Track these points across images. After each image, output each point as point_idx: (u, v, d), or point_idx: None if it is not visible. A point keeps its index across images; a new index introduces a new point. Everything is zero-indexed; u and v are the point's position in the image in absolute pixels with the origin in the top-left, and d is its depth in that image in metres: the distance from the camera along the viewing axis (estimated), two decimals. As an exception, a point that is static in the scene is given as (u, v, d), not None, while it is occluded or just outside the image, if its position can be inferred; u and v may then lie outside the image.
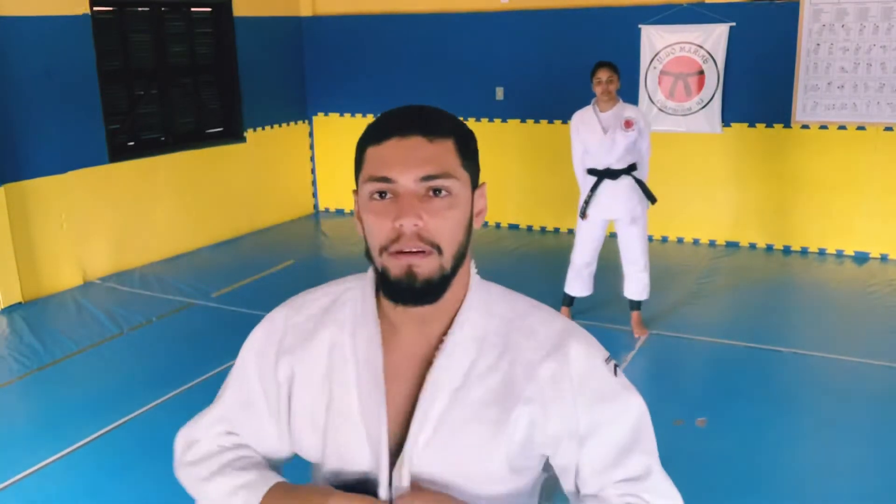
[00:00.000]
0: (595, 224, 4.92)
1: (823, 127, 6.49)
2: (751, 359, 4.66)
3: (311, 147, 8.54)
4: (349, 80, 8.19)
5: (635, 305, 5.01)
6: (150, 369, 4.69)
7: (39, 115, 5.88)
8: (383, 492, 1.19)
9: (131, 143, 6.88)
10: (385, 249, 1.12)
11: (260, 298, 5.70)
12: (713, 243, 7.09)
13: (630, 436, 1.21)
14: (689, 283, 6.05)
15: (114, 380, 4.55)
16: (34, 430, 4.01)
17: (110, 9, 6.54)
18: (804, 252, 6.77)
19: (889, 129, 6.29)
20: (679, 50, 6.72)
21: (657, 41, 6.79)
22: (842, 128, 6.43)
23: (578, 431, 1.18)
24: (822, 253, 6.73)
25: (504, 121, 7.61)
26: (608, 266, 6.18)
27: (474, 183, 1.19)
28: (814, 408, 4.06)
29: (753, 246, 6.96)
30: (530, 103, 7.39)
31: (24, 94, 5.76)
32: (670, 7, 6.70)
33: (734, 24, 6.51)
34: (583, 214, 4.90)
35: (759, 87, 6.60)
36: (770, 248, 6.90)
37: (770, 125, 6.66)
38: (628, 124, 4.68)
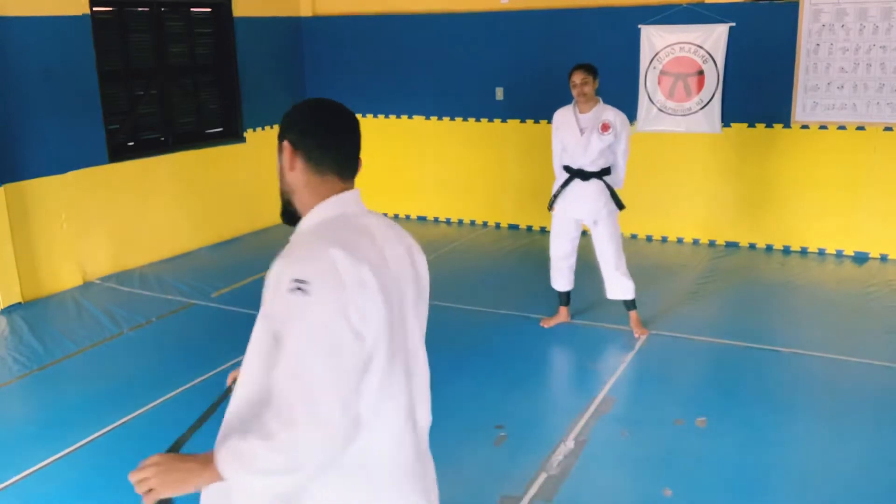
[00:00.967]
0: (564, 219, 4.98)
1: (823, 127, 6.49)
2: (750, 359, 4.66)
3: (311, 147, 8.53)
4: (349, 79, 8.19)
5: (630, 305, 4.99)
6: (150, 369, 4.70)
7: (39, 115, 5.88)
8: None
9: (131, 143, 6.88)
10: None
11: (260, 298, 5.68)
12: (713, 243, 7.09)
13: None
14: (689, 283, 6.05)
15: (114, 380, 4.55)
16: (34, 430, 4.01)
17: (110, 9, 6.55)
18: (804, 252, 6.77)
19: (889, 129, 6.29)
20: (679, 50, 6.72)
21: (657, 41, 6.79)
22: (841, 128, 6.43)
23: None
24: (821, 253, 6.73)
25: (504, 121, 7.61)
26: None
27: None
28: (813, 408, 4.06)
29: (753, 246, 6.96)
30: (530, 103, 7.38)
31: (24, 94, 5.76)
32: (670, 7, 6.70)
33: (734, 24, 6.51)
34: (550, 207, 4.99)
35: (759, 87, 6.60)
36: (770, 248, 6.90)
37: (770, 125, 6.66)
38: (605, 127, 4.70)
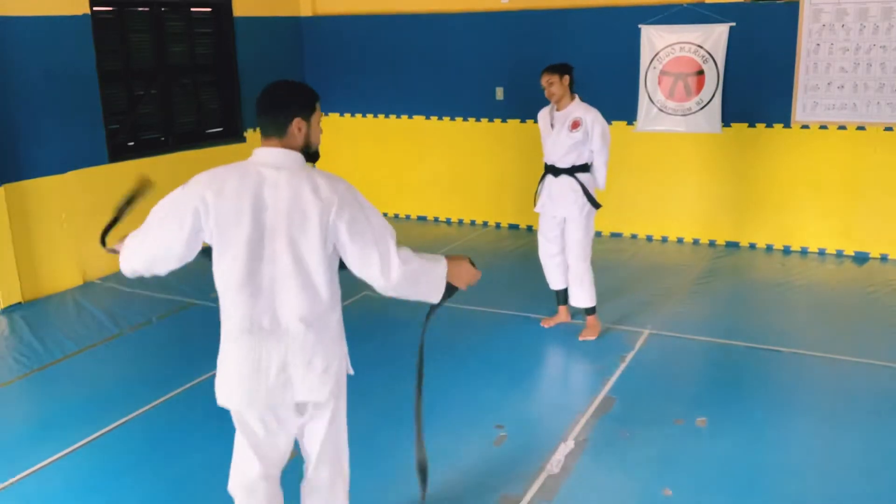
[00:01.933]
0: (544, 217, 5.00)
1: (823, 127, 6.49)
2: (750, 359, 4.65)
3: (311, 147, 8.53)
4: (349, 79, 8.19)
5: (589, 311, 4.87)
6: (150, 369, 4.70)
7: (39, 115, 5.88)
8: None
9: (131, 143, 6.88)
10: None
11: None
12: (713, 243, 7.09)
13: None
14: (689, 283, 6.05)
15: (114, 380, 4.55)
16: (34, 430, 4.01)
17: (110, 9, 6.55)
18: (804, 252, 6.77)
19: (889, 129, 6.29)
20: (679, 50, 6.72)
21: (657, 41, 6.78)
22: (842, 128, 6.43)
23: None
24: (822, 253, 6.72)
25: (504, 121, 7.61)
26: (604, 266, 6.19)
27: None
28: (813, 408, 4.06)
29: (753, 246, 6.96)
30: (530, 103, 7.34)
31: (24, 94, 5.76)
32: (670, 7, 6.70)
33: (734, 24, 6.51)
34: (534, 203, 5.04)
35: (759, 88, 6.59)
36: (770, 248, 6.90)
37: (770, 125, 6.66)
38: (575, 124, 4.71)
